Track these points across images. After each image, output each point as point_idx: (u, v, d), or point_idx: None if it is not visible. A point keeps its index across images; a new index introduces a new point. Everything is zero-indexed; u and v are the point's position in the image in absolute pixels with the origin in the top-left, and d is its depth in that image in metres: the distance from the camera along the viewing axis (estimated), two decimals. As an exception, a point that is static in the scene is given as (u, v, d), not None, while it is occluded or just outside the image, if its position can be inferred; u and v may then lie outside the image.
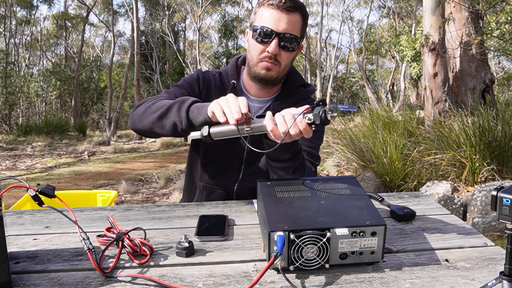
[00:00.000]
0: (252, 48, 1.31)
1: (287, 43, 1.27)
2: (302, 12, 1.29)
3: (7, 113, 16.49)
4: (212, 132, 1.07)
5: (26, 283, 0.84)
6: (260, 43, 1.28)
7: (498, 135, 4.25)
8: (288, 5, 1.24)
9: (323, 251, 0.86)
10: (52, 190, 0.91)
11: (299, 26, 1.29)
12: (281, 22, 1.25)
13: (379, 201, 1.27)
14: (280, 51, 1.27)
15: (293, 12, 1.26)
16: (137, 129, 1.30)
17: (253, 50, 1.31)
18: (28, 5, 23.24)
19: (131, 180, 6.06)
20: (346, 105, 26.78)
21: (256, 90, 1.40)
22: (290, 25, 1.26)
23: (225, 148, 1.39)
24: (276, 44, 1.25)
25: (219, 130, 1.07)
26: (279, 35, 1.25)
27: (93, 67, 23.27)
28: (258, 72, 1.32)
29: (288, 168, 1.19)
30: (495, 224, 2.96)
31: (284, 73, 1.35)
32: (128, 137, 13.71)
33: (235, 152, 1.41)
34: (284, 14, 1.25)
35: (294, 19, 1.27)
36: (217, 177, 1.43)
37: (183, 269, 0.89)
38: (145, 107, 1.26)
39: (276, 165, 1.20)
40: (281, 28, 1.25)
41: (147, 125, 1.24)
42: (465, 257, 0.95)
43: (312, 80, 25.22)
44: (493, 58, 13.44)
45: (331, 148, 5.77)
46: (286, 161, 1.18)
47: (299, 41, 1.30)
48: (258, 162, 1.41)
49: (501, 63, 20.23)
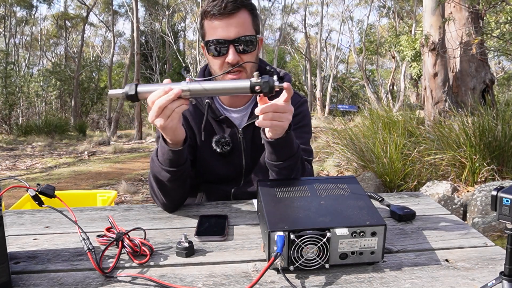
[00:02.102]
0: (212, 63, 1.28)
1: (245, 46, 1.22)
2: (247, 7, 1.23)
3: (7, 113, 16.49)
4: (140, 91, 0.99)
5: (26, 283, 0.84)
6: (218, 57, 1.23)
7: (498, 135, 4.25)
8: (230, 8, 1.19)
9: (323, 251, 0.86)
10: (52, 190, 0.91)
11: (249, 23, 1.24)
12: (230, 28, 1.20)
13: (379, 201, 1.27)
14: (241, 56, 1.22)
15: (237, 13, 1.20)
16: (171, 207, 1.24)
17: (214, 65, 1.27)
18: (28, 5, 23.24)
19: (131, 180, 6.06)
20: (346, 105, 26.77)
21: (231, 100, 1.37)
22: (240, 27, 1.20)
23: (224, 166, 1.37)
24: (233, 52, 1.20)
25: (149, 89, 0.99)
26: (233, 42, 1.20)
27: (93, 67, 23.28)
28: None
29: (289, 167, 1.19)
30: (495, 224, 2.96)
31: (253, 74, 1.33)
32: (128, 137, 13.72)
33: (234, 167, 1.39)
34: (229, 19, 1.20)
35: (242, 19, 1.21)
36: (216, 188, 1.42)
37: (183, 269, 0.89)
38: (152, 193, 1.24)
39: (278, 166, 1.19)
40: (232, 35, 1.20)
41: (166, 197, 1.20)
42: (465, 257, 0.95)
43: (312, 80, 25.22)
44: (493, 58, 13.43)
45: (331, 148, 5.77)
46: (285, 161, 1.17)
47: (255, 38, 1.25)
48: (257, 170, 1.39)
49: (501, 63, 20.23)
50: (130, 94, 0.98)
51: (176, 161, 1.11)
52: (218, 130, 1.37)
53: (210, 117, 1.36)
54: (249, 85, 0.97)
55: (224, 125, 1.37)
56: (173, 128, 1.03)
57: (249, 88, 0.97)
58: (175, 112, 0.98)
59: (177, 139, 1.08)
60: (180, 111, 0.99)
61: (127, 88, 0.99)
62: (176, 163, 1.11)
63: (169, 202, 1.21)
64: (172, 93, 0.97)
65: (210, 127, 1.37)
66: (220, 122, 1.37)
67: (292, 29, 31.67)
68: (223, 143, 1.35)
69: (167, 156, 1.10)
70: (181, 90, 0.98)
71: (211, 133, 1.36)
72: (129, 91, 0.99)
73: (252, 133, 1.38)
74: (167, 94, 0.97)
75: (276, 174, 1.21)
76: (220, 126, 1.37)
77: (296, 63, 31.96)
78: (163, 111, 0.98)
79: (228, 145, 1.35)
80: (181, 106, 0.99)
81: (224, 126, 1.37)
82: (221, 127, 1.37)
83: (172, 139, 1.07)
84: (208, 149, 1.36)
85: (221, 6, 1.19)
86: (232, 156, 1.37)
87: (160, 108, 0.97)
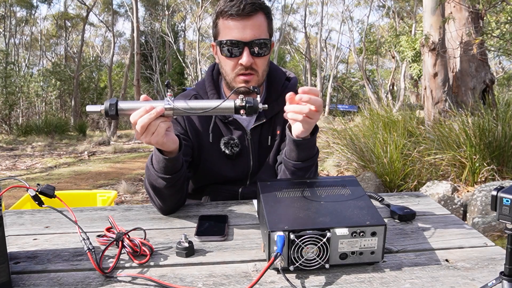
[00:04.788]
0: (224, 63, 1.26)
1: (259, 49, 1.21)
2: (264, 10, 1.22)
3: (7, 113, 16.48)
4: (121, 108, 0.97)
5: (26, 283, 0.84)
6: (231, 58, 1.22)
7: (498, 135, 4.25)
8: (248, 10, 1.18)
9: (323, 251, 0.86)
10: (52, 190, 0.90)
11: (265, 27, 1.23)
12: (246, 30, 1.19)
13: (379, 201, 1.27)
14: (254, 59, 1.22)
15: (254, 15, 1.20)
16: (169, 211, 1.23)
17: (226, 65, 1.26)
18: (28, 5, 23.24)
19: (131, 180, 6.06)
20: (346, 105, 26.76)
21: None
22: (256, 29, 1.20)
23: (231, 167, 1.37)
24: (248, 55, 1.20)
25: (129, 106, 0.97)
26: (248, 44, 1.19)
27: (93, 67, 23.27)
28: (237, 86, 1.25)
29: (305, 168, 1.18)
30: (495, 224, 2.96)
31: (264, 77, 1.30)
32: (128, 137, 13.71)
33: (241, 169, 1.38)
34: (246, 20, 1.19)
35: (258, 22, 1.21)
36: (222, 189, 1.41)
37: (183, 269, 0.89)
38: (149, 197, 1.23)
39: (296, 166, 1.18)
40: (248, 37, 1.19)
41: (164, 202, 1.19)
42: (465, 257, 0.95)
43: (312, 80, 25.22)
44: (493, 58, 13.44)
45: (331, 148, 5.77)
46: (304, 161, 1.17)
47: (269, 42, 1.25)
48: (263, 170, 1.39)
49: (501, 63, 20.23)
50: (111, 113, 0.96)
51: (172, 168, 1.10)
52: (226, 132, 1.36)
53: (218, 119, 1.36)
54: (233, 106, 0.98)
55: (232, 127, 1.36)
56: (160, 142, 1.01)
57: (233, 109, 0.98)
58: (160, 127, 0.97)
59: (169, 149, 1.06)
60: (165, 126, 0.98)
61: (107, 105, 0.96)
62: (171, 170, 1.10)
63: (166, 207, 1.21)
64: (154, 111, 0.95)
65: (218, 129, 1.36)
66: (228, 123, 1.36)
67: (292, 29, 31.70)
68: (232, 145, 1.34)
69: (162, 164, 1.08)
70: (164, 108, 0.96)
71: (219, 135, 1.36)
72: (109, 110, 0.96)
73: (259, 134, 1.37)
74: (148, 113, 0.95)
75: (291, 173, 1.20)
76: (227, 127, 1.37)
77: (296, 63, 31.97)
78: (147, 128, 0.96)
79: (237, 146, 1.34)
80: (165, 122, 0.98)
81: (232, 128, 1.36)
82: (228, 129, 1.37)
83: (165, 150, 1.06)
84: (215, 151, 1.35)
85: (239, 7, 1.18)
86: (239, 157, 1.37)
87: (143, 128, 0.95)
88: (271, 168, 1.39)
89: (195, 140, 1.35)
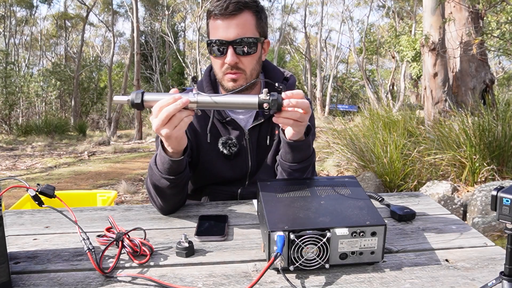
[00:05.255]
0: (214, 63, 1.28)
1: (244, 48, 1.21)
2: (252, 8, 1.22)
3: (7, 113, 16.49)
4: (146, 99, 0.98)
5: (26, 283, 0.84)
6: (218, 57, 1.24)
7: (498, 135, 4.25)
8: (231, 9, 1.18)
9: (323, 251, 0.86)
10: (52, 190, 0.90)
11: (252, 25, 1.23)
12: (229, 29, 1.19)
13: (379, 201, 1.27)
14: (240, 58, 1.22)
15: (239, 14, 1.20)
16: (169, 211, 1.23)
17: (215, 65, 1.28)
18: (28, 5, 23.24)
19: (131, 180, 6.06)
20: (346, 105, 26.77)
21: None
22: (240, 28, 1.20)
23: (229, 167, 1.37)
24: (232, 54, 1.20)
25: (156, 97, 0.98)
26: (232, 44, 1.20)
27: (93, 67, 23.27)
28: (226, 85, 1.27)
29: (301, 169, 1.19)
30: (495, 224, 2.96)
31: (254, 76, 1.30)
32: (128, 137, 13.72)
33: (240, 169, 1.38)
34: (230, 20, 1.19)
35: (243, 20, 1.21)
36: (221, 189, 1.41)
37: (183, 269, 0.89)
38: (149, 197, 1.23)
39: (292, 167, 1.19)
40: (231, 36, 1.20)
41: (165, 202, 1.18)
42: (465, 257, 0.95)
43: (312, 80, 25.22)
44: (493, 58, 13.44)
45: (331, 148, 5.77)
46: (300, 163, 1.18)
47: (257, 40, 1.24)
48: (262, 170, 1.39)
49: (501, 63, 20.23)
50: (136, 102, 0.97)
51: (176, 170, 1.10)
52: (224, 132, 1.36)
53: (216, 119, 1.36)
54: (257, 101, 0.98)
55: (230, 127, 1.36)
56: (179, 137, 1.01)
57: (257, 104, 0.98)
58: (183, 121, 0.97)
59: (180, 148, 1.07)
60: (188, 121, 0.98)
61: (133, 96, 0.98)
62: (176, 171, 1.10)
63: (167, 207, 1.21)
64: (180, 101, 0.95)
65: (216, 129, 1.36)
66: (225, 123, 1.36)
67: (292, 29, 31.69)
68: (230, 145, 1.34)
69: (167, 165, 1.08)
70: (189, 100, 0.97)
71: (217, 135, 1.36)
72: (135, 99, 0.97)
73: (257, 134, 1.37)
74: (175, 103, 0.95)
75: (288, 174, 1.21)
76: (225, 127, 1.37)
77: (296, 63, 31.95)
78: (171, 119, 0.96)
79: (235, 146, 1.34)
80: (189, 116, 0.98)
81: (230, 128, 1.36)
82: (226, 129, 1.37)
83: (175, 148, 1.06)
84: (213, 151, 1.36)
85: (222, 6, 1.19)
86: (238, 157, 1.36)
87: (167, 117, 0.95)
88: (270, 168, 1.39)
89: (194, 140, 1.35)
